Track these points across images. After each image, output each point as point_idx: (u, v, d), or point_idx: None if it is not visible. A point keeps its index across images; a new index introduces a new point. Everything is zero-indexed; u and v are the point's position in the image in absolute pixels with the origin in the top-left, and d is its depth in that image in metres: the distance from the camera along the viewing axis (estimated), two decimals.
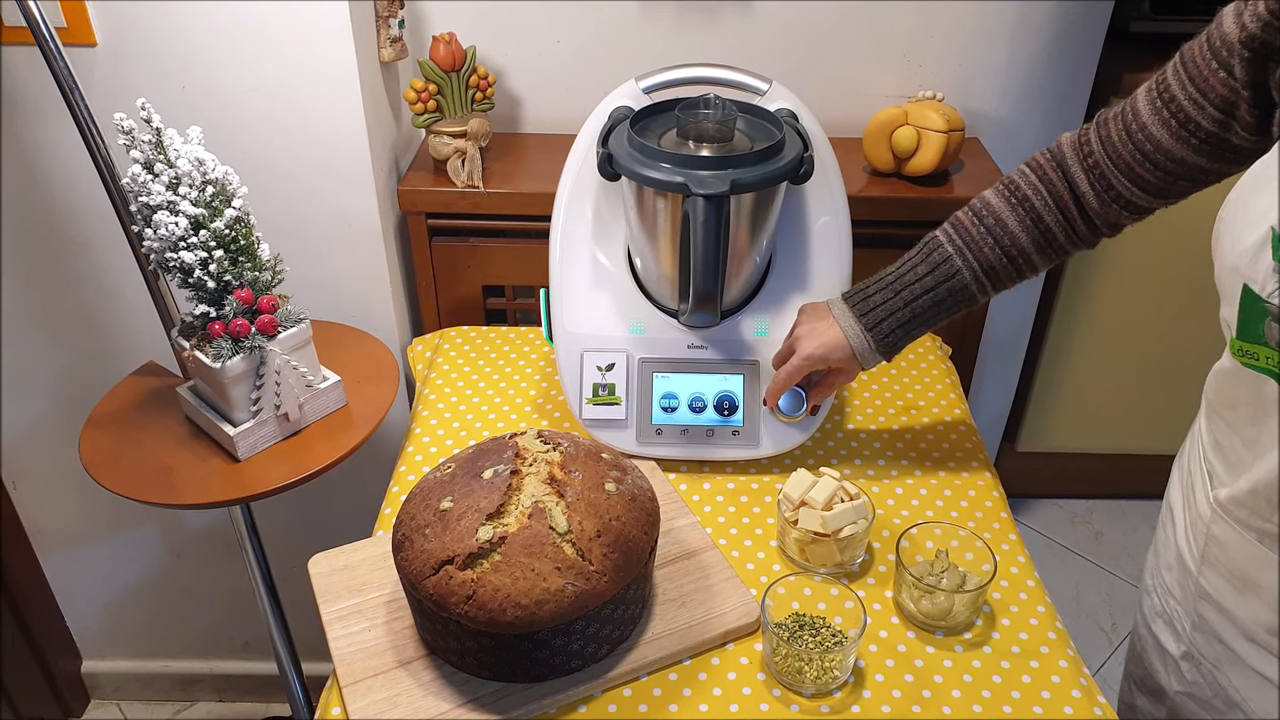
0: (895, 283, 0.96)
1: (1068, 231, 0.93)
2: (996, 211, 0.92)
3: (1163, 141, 0.84)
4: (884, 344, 0.99)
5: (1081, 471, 2.17)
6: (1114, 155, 0.88)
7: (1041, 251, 0.94)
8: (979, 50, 1.49)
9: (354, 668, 0.88)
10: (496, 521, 0.83)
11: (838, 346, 0.99)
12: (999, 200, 0.93)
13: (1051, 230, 0.92)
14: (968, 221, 0.94)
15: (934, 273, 0.94)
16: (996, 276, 0.94)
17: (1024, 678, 0.89)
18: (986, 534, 1.03)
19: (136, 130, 1.02)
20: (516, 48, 1.48)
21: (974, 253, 0.93)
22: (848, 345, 0.99)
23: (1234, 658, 0.83)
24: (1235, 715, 0.85)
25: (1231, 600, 0.82)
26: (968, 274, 0.94)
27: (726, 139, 1.04)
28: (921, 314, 0.96)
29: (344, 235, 1.36)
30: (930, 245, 0.96)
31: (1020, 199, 0.92)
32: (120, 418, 1.19)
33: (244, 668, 1.82)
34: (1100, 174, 0.90)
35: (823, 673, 0.86)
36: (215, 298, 1.06)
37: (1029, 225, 0.92)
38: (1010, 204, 0.92)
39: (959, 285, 0.95)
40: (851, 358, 1.00)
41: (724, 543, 1.03)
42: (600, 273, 1.14)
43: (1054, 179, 0.92)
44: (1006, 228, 0.92)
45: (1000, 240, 0.92)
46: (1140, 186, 0.88)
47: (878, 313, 0.97)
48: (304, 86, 1.24)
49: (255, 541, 1.29)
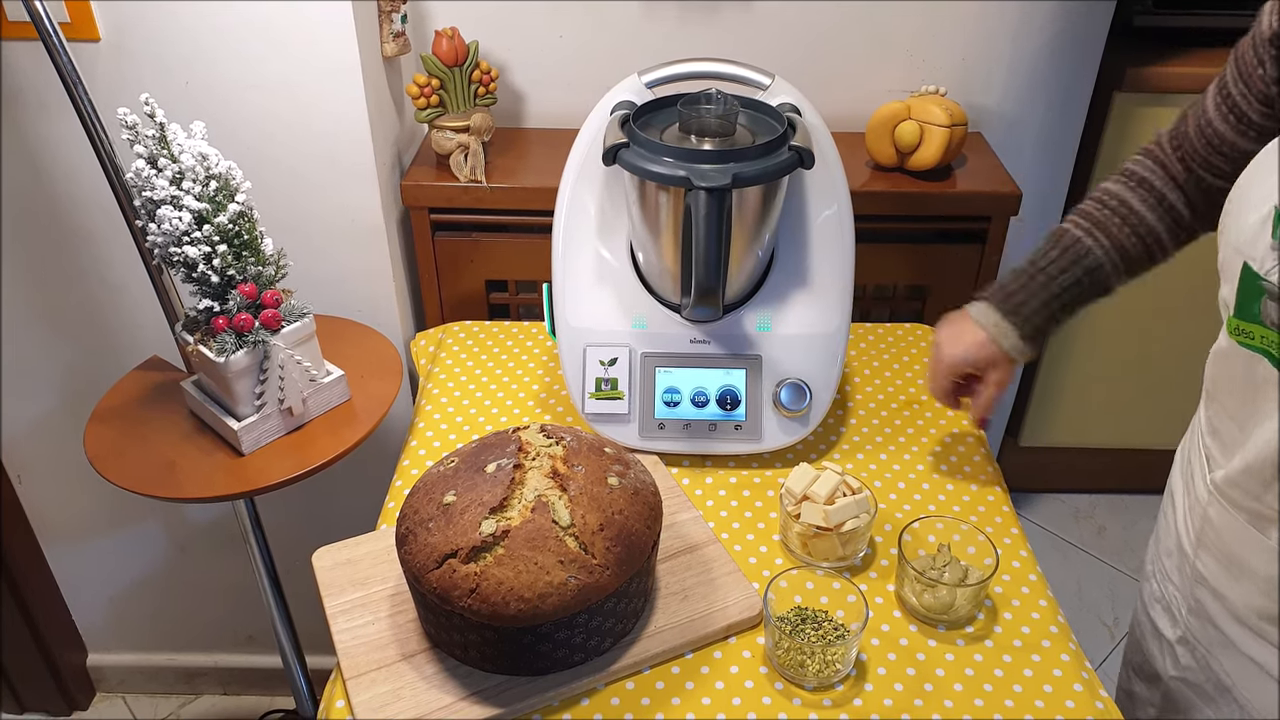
0: (1033, 273, 0.96)
1: (1191, 207, 0.93)
2: (1118, 194, 0.93)
3: (1225, 134, 0.86)
4: (1030, 334, 0.98)
5: (1084, 466, 2.17)
6: (1189, 148, 0.90)
7: (1170, 231, 0.94)
8: (982, 45, 1.49)
9: (358, 661, 0.88)
10: (500, 515, 0.83)
11: (980, 345, 0.99)
12: (1118, 186, 0.94)
13: (1175, 207, 0.93)
14: (1091, 208, 0.95)
15: (1066, 254, 0.94)
16: (1129, 258, 0.95)
17: (1026, 672, 0.89)
18: (989, 528, 1.03)
19: (140, 125, 1.02)
20: (519, 43, 1.48)
21: (1104, 233, 0.94)
22: (990, 343, 0.98)
23: (1226, 641, 0.84)
24: (1225, 700, 0.85)
25: (1224, 583, 0.83)
26: (1101, 254, 0.94)
27: (728, 133, 1.04)
28: (1062, 297, 0.96)
29: (347, 230, 1.36)
30: (1058, 233, 0.96)
31: (1138, 181, 0.92)
32: (124, 412, 1.20)
33: (248, 661, 1.82)
34: (1186, 163, 0.92)
35: (825, 666, 0.86)
36: (219, 292, 1.07)
37: (1152, 204, 0.93)
38: (1129, 186, 0.93)
39: (1094, 265, 0.94)
40: (998, 354, 0.99)
41: (726, 537, 1.03)
42: (603, 267, 1.14)
43: (1165, 160, 0.93)
44: (1132, 208, 0.93)
45: (1128, 220, 0.93)
46: (1218, 175, 0.89)
47: (1020, 305, 0.97)
48: (307, 82, 1.24)
49: (259, 535, 1.29)
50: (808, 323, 1.12)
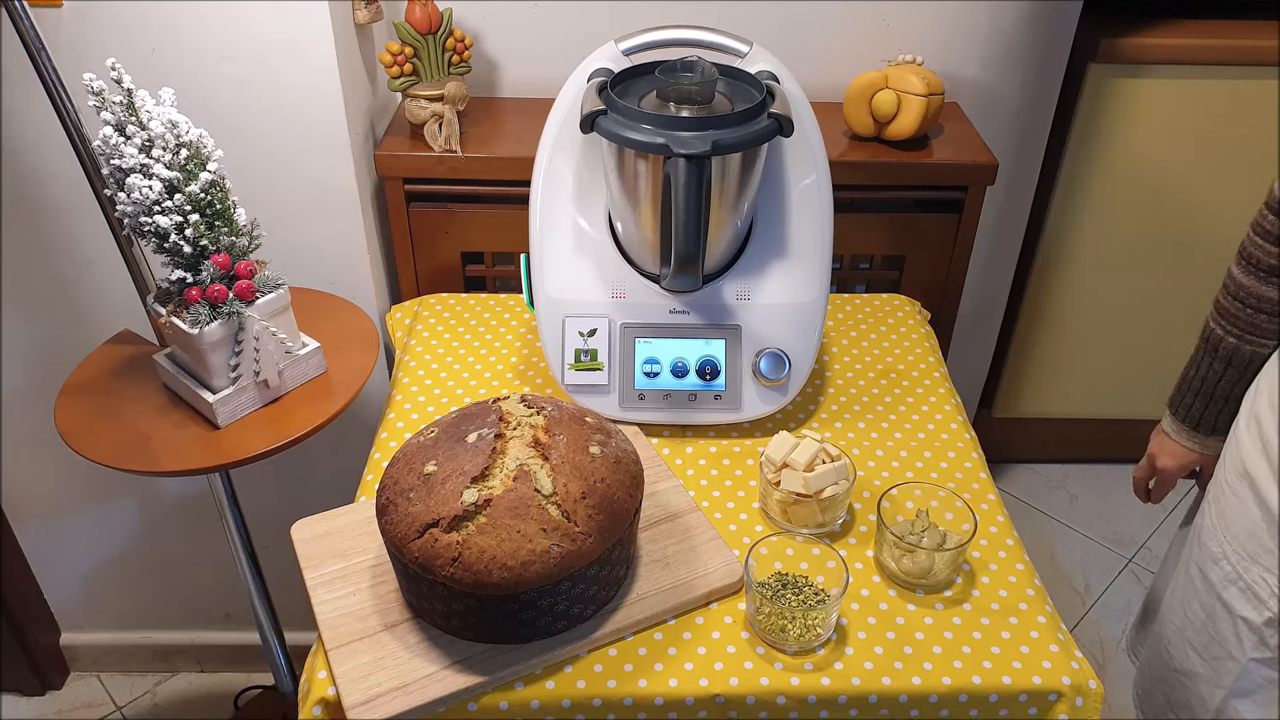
0: (1209, 390, 1.05)
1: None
2: (1251, 290, 0.97)
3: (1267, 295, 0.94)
4: (1219, 432, 1.06)
5: (1056, 437, 2.19)
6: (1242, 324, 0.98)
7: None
8: (958, 14, 1.49)
9: (339, 632, 0.88)
10: (481, 484, 0.83)
11: (1190, 463, 1.11)
12: (1248, 278, 0.97)
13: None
14: (1233, 309, 0.99)
15: (1233, 364, 1.01)
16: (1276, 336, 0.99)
17: (1003, 634, 0.91)
18: (966, 494, 1.04)
19: (107, 91, 1.00)
20: (494, 10, 1.46)
21: (1254, 333, 0.98)
22: (1197, 458, 1.11)
23: None
24: None
25: None
26: (1258, 348, 0.99)
27: (707, 101, 1.03)
28: (1238, 394, 1.02)
29: (320, 201, 1.35)
30: (1214, 341, 1.02)
31: (1267, 269, 0.96)
32: (96, 386, 1.18)
33: (225, 638, 1.81)
34: None
35: (806, 631, 0.87)
36: (192, 263, 1.05)
37: None
38: (1259, 277, 0.96)
39: (1256, 359, 1.00)
40: (1198, 460, 1.11)
41: (707, 505, 1.03)
42: (581, 238, 1.14)
43: None
44: (1268, 299, 0.96)
45: (1270, 309, 0.97)
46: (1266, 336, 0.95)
47: (1209, 418, 1.06)
48: (277, 50, 1.22)
49: (235, 510, 1.28)
50: (787, 292, 1.12)
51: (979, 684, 0.86)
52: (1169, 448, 1.12)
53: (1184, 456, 1.10)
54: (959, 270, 1.50)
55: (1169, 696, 1.06)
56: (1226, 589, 0.95)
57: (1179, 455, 1.11)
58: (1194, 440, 1.09)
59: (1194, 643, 1.01)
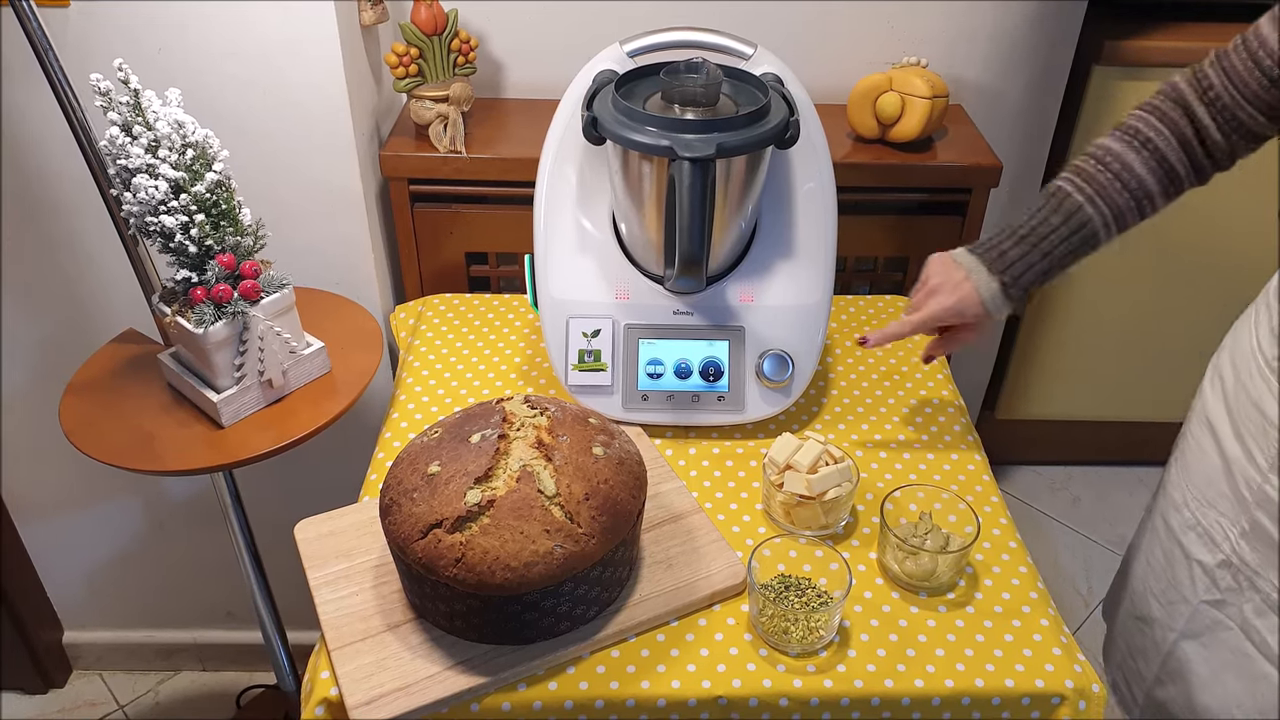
0: (1030, 235, 0.97)
1: (1188, 168, 0.94)
2: (1121, 156, 0.93)
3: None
4: (1019, 296, 0.99)
5: (1059, 439, 2.19)
6: (1239, 84, 0.89)
7: (1164, 191, 0.95)
8: (963, 16, 1.49)
9: (342, 632, 0.88)
10: (485, 485, 0.83)
11: (973, 302, 0.99)
12: (1121, 146, 0.94)
13: (1175, 169, 0.93)
14: (1092, 169, 0.95)
15: (1068, 222, 0.96)
16: (1123, 219, 0.96)
17: (1006, 637, 0.91)
18: (969, 496, 1.04)
19: (114, 92, 1.00)
20: (499, 11, 1.46)
21: (1104, 199, 0.94)
22: (981, 302, 0.99)
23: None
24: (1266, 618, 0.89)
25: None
26: (1098, 220, 0.95)
27: (712, 103, 1.03)
28: (1056, 261, 0.98)
29: (325, 201, 1.35)
30: (1059, 196, 0.96)
31: (1143, 141, 0.93)
32: (101, 385, 1.18)
33: (227, 637, 1.81)
34: (1223, 106, 0.90)
35: (808, 633, 0.87)
36: (197, 263, 1.05)
37: (1154, 167, 0.93)
38: (1133, 147, 0.93)
39: (1090, 232, 0.96)
40: (984, 313, 1.00)
41: (710, 506, 1.03)
42: (585, 239, 1.14)
43: (1175, 118, 0.93)
44: (1133, 171, 0.93)
45: (1128, 184, 0.94)
46: (1265, 112, 0.88)
47: (1015, 267, 0.98)
48: (283, 50, 1.22)
49: (239, 509, 1.28)
50: (790, 294, 1.12)
51: (982, 687, 0.86)
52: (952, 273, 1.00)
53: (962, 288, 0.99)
54: None
55: (1128, 643, 1.08)
56: (1185, 534, 0.98)
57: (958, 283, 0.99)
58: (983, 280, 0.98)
59: (1153, 589, 1.02)
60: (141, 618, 1.80)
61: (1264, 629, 0.90)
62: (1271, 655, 0.89)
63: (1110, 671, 1.12)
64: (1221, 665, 0.95)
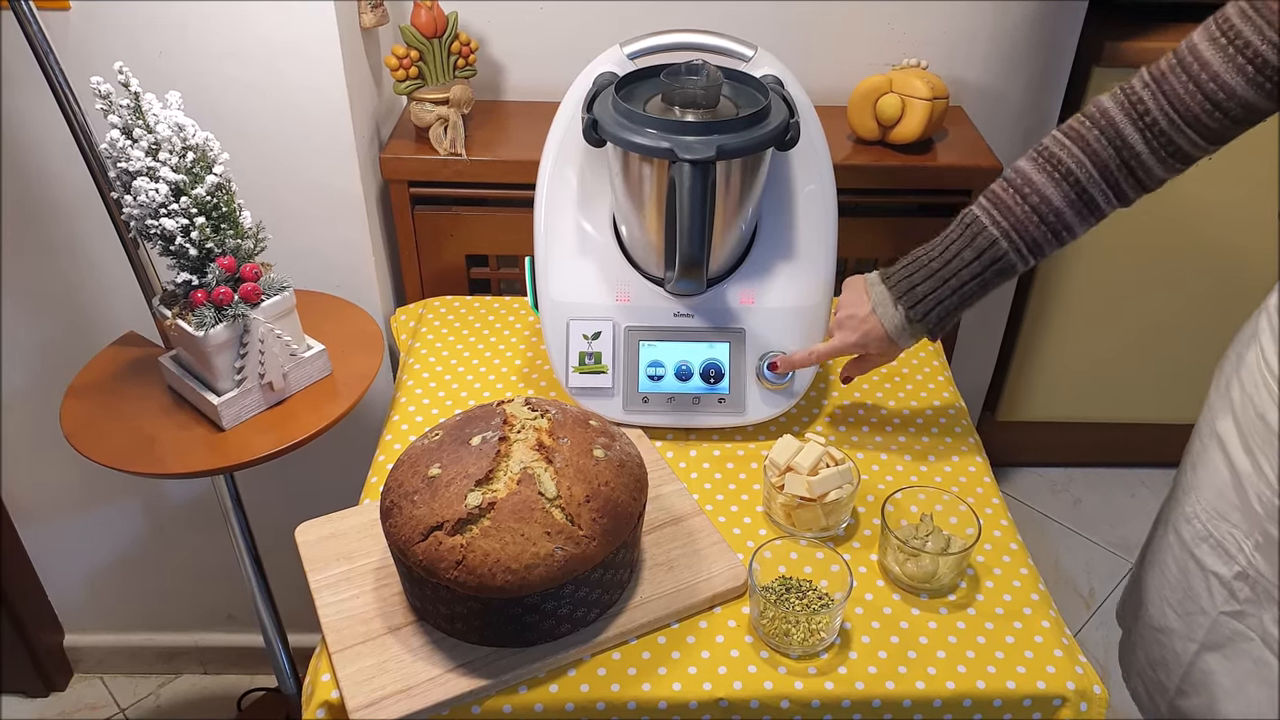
0: (941, 270, 0.96)
1: (1109, 198, 0.92)
2: (1039, 188, 0.91)
3: (1236, 89, 0.81)
4: (930, 329, 1.00)
5: (1060, 441, 2.19)
6: (1179, 108, 0.85)
7: (1083, 220, 0.94)
8: (963, 17, 1.49)
9: (343, 634, 0.88)
10: (485, 488, 0.83)
11: (877, 338, 1.01)
12: (1040, 176, 0.91)
13: (1095, 201, 0.92)
14: (1009, 200, 0.93)
15: (980, 258, 0.95)
16: (1039, 250, 0.95)
17: (1007, 638, 0.91)
18: (970, 498, 1.04)
19: (114, 95, 1.00)
20: (499, 14, 1.46)
21: (1019, 233, 0.93)
22: (886, 336, 1.01)
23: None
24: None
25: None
26: (1014, 254, 0.94)
27: (712, 105, 1.03)
28: (968, 297, 0.97)
29: (326, 204, 1.35)
30: (974, 228, 0.95)
31: (1064, 173, 0.90)
32: (101, 388, 1.18)
33: (228, 640, 1.81)
34: (1160, 131, 0.87)
35: (809, 635, 0.87)
36: (197, 266, 1.05)
37: (1073, 199, 0.91)
38: (1053, 179, 0.91)
39: (1006, 265, 0.95)
40: (889, 346, 1.02)
41: (710, 508, 1.03)
42: (586, 241, 1.14)
43: (1098, 148, 0.89)
44: (1051, 204, 0.91)
45: (1045, 217, 0.92)
46: (1204, 136, 0.85)
47: (926, 302, 0.97)
48: (283, 53, 1.22)
49: (239, 512, 1.28)
50: (791, 296, 1.12)
51: (983, 689, 0.86)
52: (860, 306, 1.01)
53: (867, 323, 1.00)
54: None
55: (1147, 654, 1.07)
56: (1198, 546, 0.97)
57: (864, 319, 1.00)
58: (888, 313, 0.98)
59: (1169, 600, 1.02)
60: (142, 621, 1.80)
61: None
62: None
63: (1130, 680, 1.12)
64: (1244, 675, 0.94)
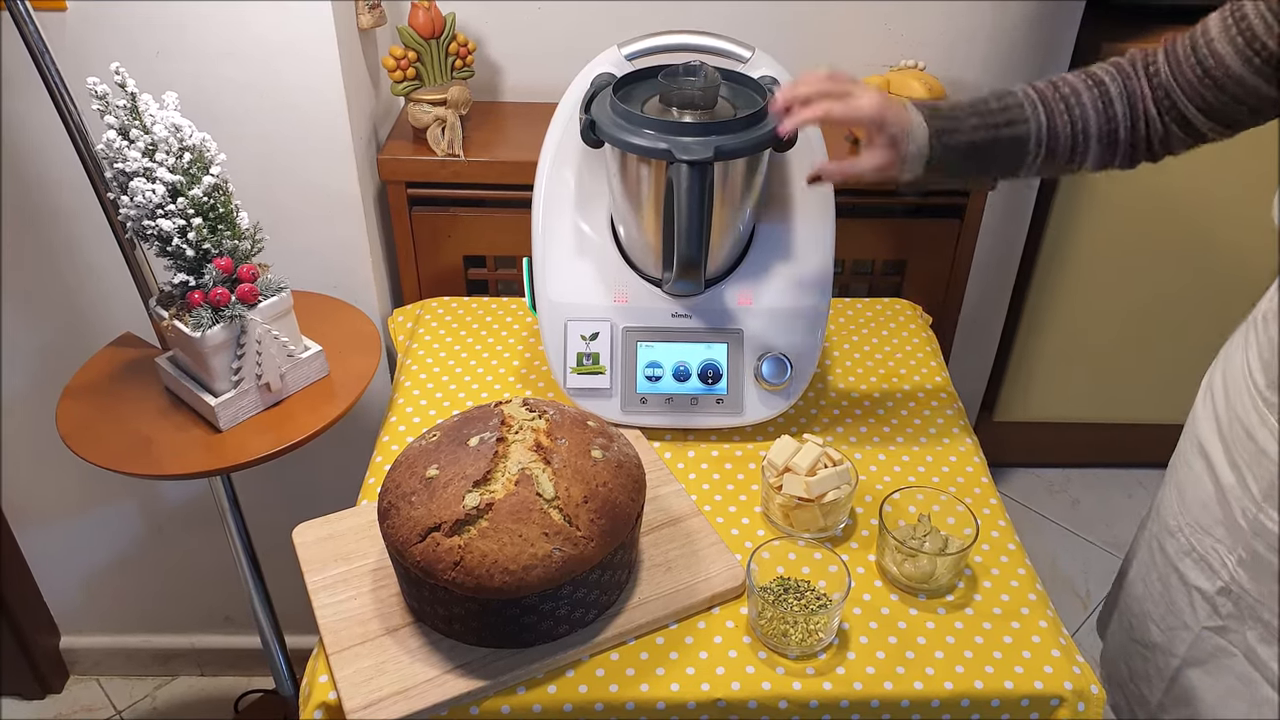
0: (968, 107, 0.94)
1: (1129, 130, 0.92)
2: (1073, 85, 0.92)
3: (1226, 58, 0.82)
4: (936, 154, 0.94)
5: (1058, 441, 2.19)
6: (1178, 71, 0.87)
7: (1100, 140, 0.93)
8: (961, 20, 1.49)
9: (340, 635, 0.88)
10: (483, 488, 0.83)
11: (901, 123, 0.92)
12: (1076, 79, 0.93)
13: (1117, 119, 0.91)
14: (1043, 86, 0.93)
15: (1005, 111, 0.93)
16: (1055, 145, 0.93)
17: (1005, 638, 0.91)
18: (968, 499, 1.04)
19: (111, 95, 1.00)
20: (497, 15, 1.46)
21: (1045, 111, 0.93)
22: (910, 126, 0.93)
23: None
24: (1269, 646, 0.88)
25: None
26: (1033, 126, 0.93)
27: (710, 106, 1.03)
28: (978, 144, 0.94)
29: (323, 205, 1.35)
30: (1005, 93, 0.95)
31: (1096, 81, 0.91)
32: (98, 389, 1.18)
33: (225, 642, 1.81)
34: (1163, 89, 0.89)
35: (808, 635, 0.87)
36: (194, 266, 1.05)
37: (1100, 107, 0.91)
38: (1087, 84, 0.92)
39: (1022, 134, 0.93)
40: (901, 141, 0.93)
41: (709, 509, 1.03)
42: (583, 242, 1.14)
43: (1129, 73, 0.91)
44: (1080, 99, 0.92)
45: (1071, 110, 0.92)
46: (1200, 107, 0.87)
47: (944, 122, 0.94)
48: (281, 54, 1.22)
49: (236, 514, 1.28)
50: (789, 296, 1.12)
51: (981, 689, 0.86)
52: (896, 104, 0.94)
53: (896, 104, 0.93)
54: (960, 274, 1.50)
55: (1130, 667, 1.07)
56: (1181, 560, 0.97)
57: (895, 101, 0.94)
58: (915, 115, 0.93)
59: (1153, 614, 1.02)
60: (139, 622, 1.79)
61: (1267, 656, 0.89)
62: (1274, 681, 0.88)
63: (1111, 693, 1.11)
64: (1227, 691, 0.94)
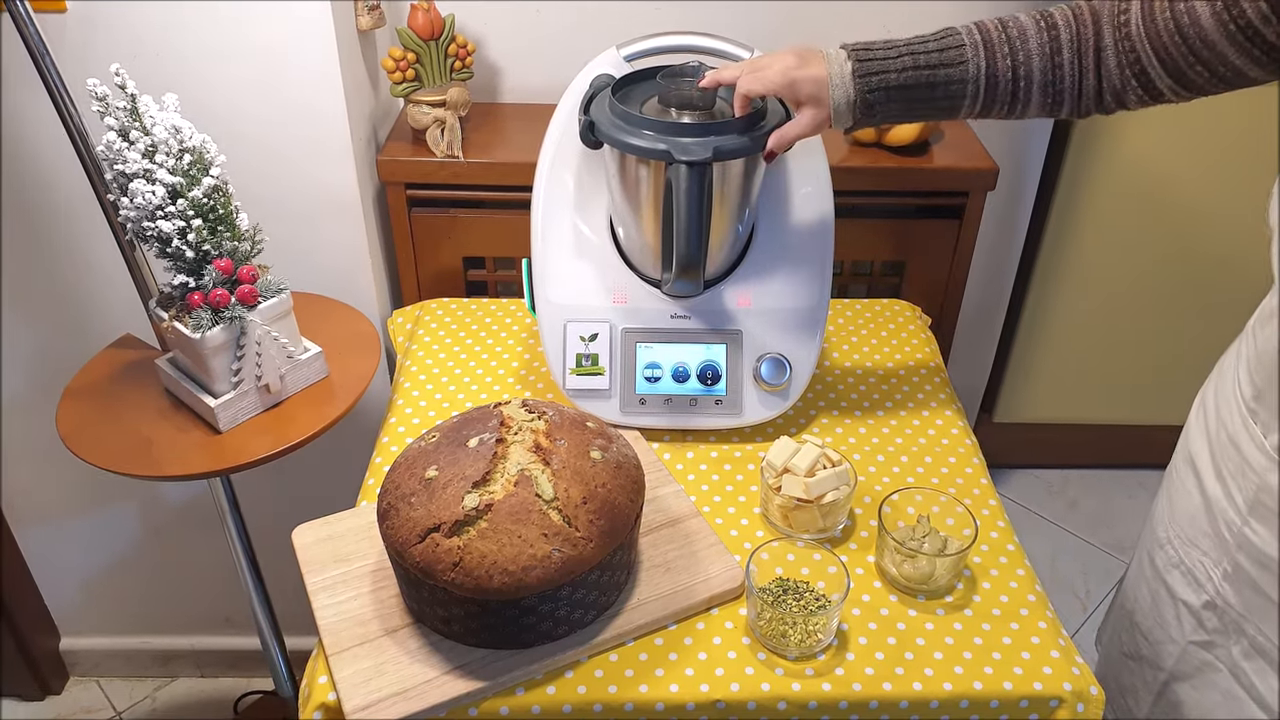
0: (901, 46, 0.91)
1: (1075, 81, 0.89)
2: (1022, 27, 0.89)
3: (1203, 19, 0.79)
4: (864, 99, 0.91)
5: (1057, 442, 2.19)
6: (1149, 25, 0.83)
7: (1043, 89, 0.90)
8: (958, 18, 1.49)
9: (340, 636, 0.88)
10: (483, 489, 0.83)
11: (814, 80, 0.91)
12: (1027, 19, 0.89)
13: (1063, 69, 0.88)
14: (991, 26, 0.90)
15: (942, 53, 0.90)
16: (994, 90, 0.90)
17: (1004, 639, 0.91)
18: (967, 499, 1.04)
19: (111, 97, 1.00)
20: (496, 16, 1.47)
21: (986, 53, 0.90)
22: (826, 82, 0.91)
23: (1270, 606, 0.84)
24: (1254, 661, 0.87)
25: None
26: (971, 69, 0.90)
27: (709, 106, 1.03)
28: (912, 86, 0.91)
29: (323, 206, 1.35)
30: (947, 31, 0.91)
31: (1049, 24, 0.88)
32: (98, 390, 1.18)
33: (225, 643, 1.81)
34: (1129, 41, 0.85)
35: (807, 636, 0.87)
36: (194, 268, 1.05)
37: (1047, 53, 0.88)
38: (1038, 26, 0.89)
39: (957, 76, 0.90)
40: (821, 97, 0.92)
41: (708, 510, 1.03)
42: (582, 243, 1.14)
43: (1086, 21, 0.88)
44: (1026, 44, 0.88)
45: (1015, 54, 0.89)
46: (1168, 67, 0.83)
47: (873, 64, 0.91)
48: (281, 55, 1.22)
49: (236, 515, 1.28)
50: (788, 297, 1.12)
51: (980, 690, 0.86)
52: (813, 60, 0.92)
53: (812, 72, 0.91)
54: (960, 275, 1.51)
55: (1119, 680, 1.06)
56: (1170, 573, 0.96)
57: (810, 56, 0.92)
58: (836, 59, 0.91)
59: (1141, 627, 1.01)
60: (139, 624, 1.79)
61: (1252, 672, 0.88)
62: (1260, 699, 0.88)
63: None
64: (1213, 707, 0.93)
